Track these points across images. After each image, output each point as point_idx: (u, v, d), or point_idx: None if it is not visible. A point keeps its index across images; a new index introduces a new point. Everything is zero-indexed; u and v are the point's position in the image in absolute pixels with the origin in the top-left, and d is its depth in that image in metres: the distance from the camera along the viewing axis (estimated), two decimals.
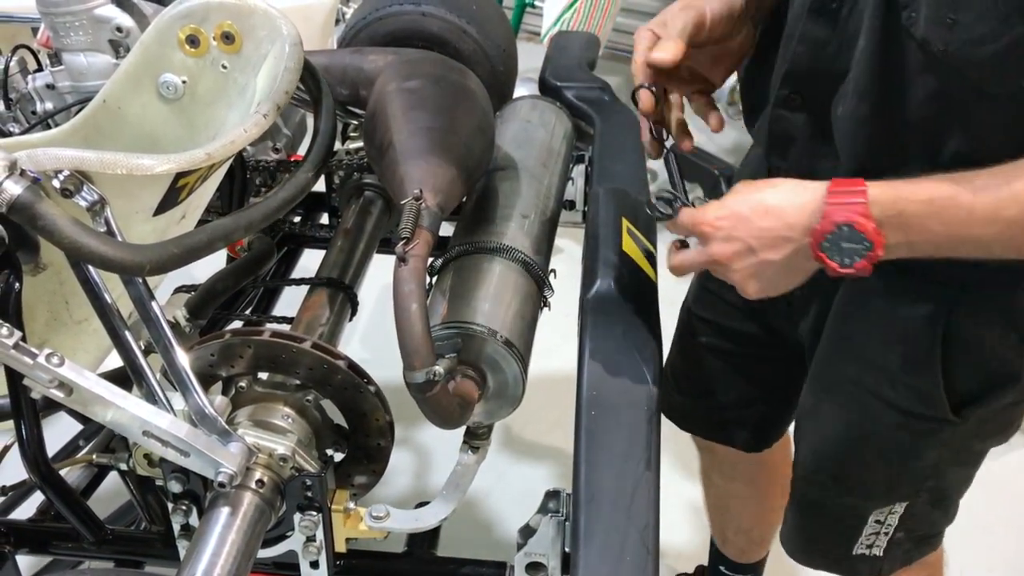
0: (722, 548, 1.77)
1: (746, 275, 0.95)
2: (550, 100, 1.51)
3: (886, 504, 1.18)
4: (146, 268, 0.84)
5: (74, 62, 1.27)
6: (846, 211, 0.87)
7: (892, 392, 1.09)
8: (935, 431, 1.09)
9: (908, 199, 0.87)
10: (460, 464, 1.13)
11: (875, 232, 0.87)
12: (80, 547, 1.18)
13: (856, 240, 0.87)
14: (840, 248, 0.88)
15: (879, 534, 1.21)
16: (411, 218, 0.99)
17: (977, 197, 0.84)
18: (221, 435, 0.94)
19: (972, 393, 1.06)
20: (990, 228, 0.85)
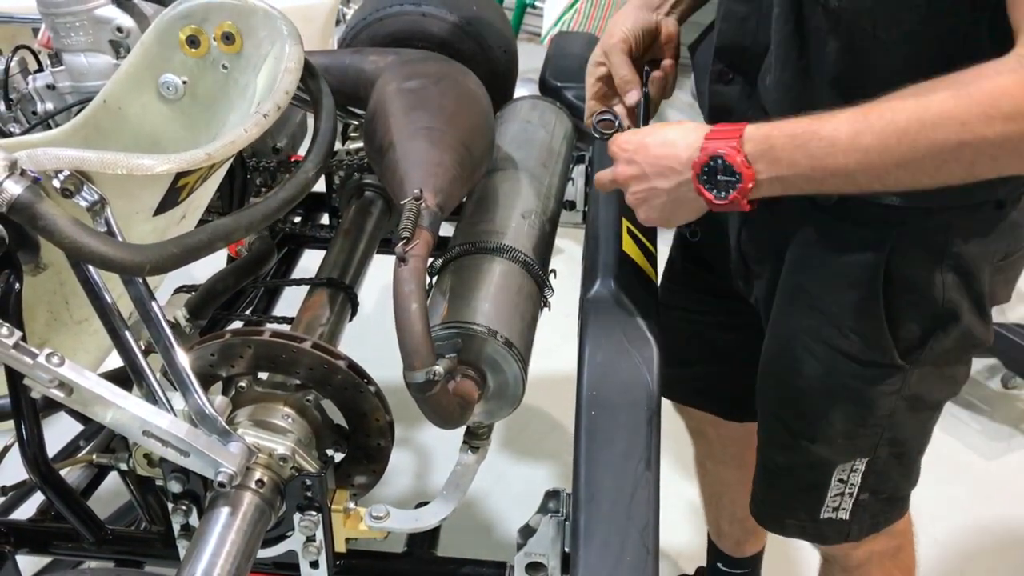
0: (718, 543, 1.78)
1: (639, 199, 1.05)
2: (550, 100, 1.51)
3: (848, 459, 1.20)
4: (146, 268, 0.84)
5: (75, 62, 1.27)
6: (719, 144, 0.96)
7: (844, 341, 1.12)
8: (885, 377, 1.13)
9: (775, 134, 0.94)
10: (460, 464, 1.13)
11: (744, 164, 0.94)
12: (80, 547, 1.18)
13: (729, 173, 0.95)
14: (716, 181, 0.97)
15: (843, 495, 1.23)
16: (411, 218, 0.99)
17: (838, 129, 0.90)
18: (221, 435, 0.94)
19: (917, 337, 1.10)
20: (850, 157, 0.90)
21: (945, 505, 2.14)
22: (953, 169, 0.88)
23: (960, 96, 0.85)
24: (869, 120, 0.89)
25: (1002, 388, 2.46)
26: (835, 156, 0.91)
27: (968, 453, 2.30)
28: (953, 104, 0.85)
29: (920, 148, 0.87)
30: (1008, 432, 2.37)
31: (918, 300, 1.09)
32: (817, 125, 0.92)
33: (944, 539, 2.07)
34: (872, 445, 1.19)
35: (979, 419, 2.40)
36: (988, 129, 0.84)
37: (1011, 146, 0.85)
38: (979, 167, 0.88)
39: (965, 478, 2.22)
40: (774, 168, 0.95)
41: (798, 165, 0.93)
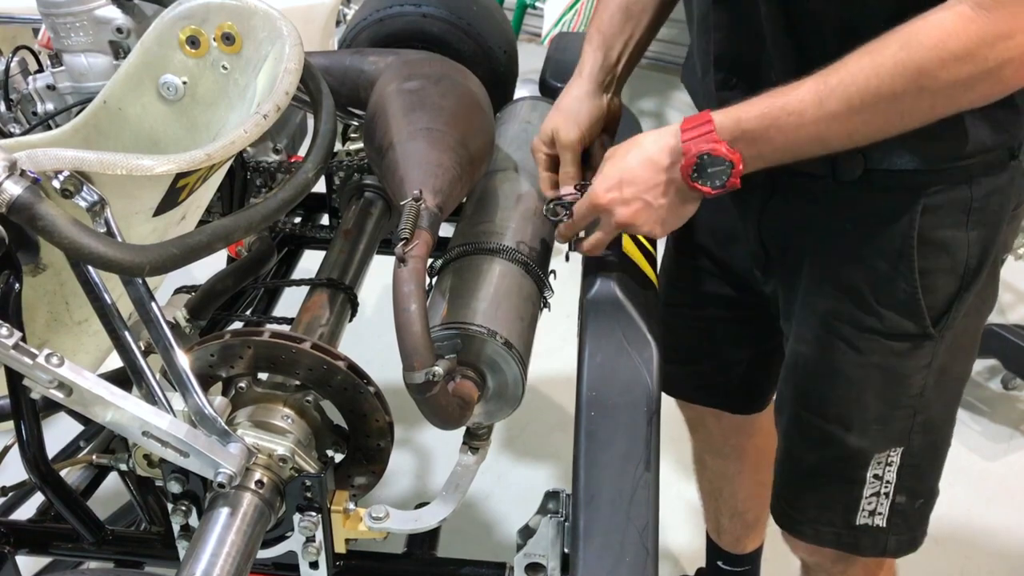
0: (718, 540, 1.78)
1: (653, 224, 1.08)
2: (550, 101, 1.51)
3: (883, 448, 1.20)
4: (146, 268, 0.83)
5: (75, 63, 1.28)
6: (700, 142, 1.00)
7: (874, 319, 1.13)
8: (916, 349, 1.14)
9: (745, 118, 0.99)
10: (460, 465, 1.13)
11: (730, 152, 1.00)
12: (80, 547, 1.18)
13: (718, 164, 1.00)
14: (708, 174, 1.01)
15: (879, 495, 1.22)
16: (411, 219, 0.99)
17: (803, 100, 0.96)
18: (221, 436, 0.94)
19: (944, 301, 1.12)
20: (820, 124, 0.96)
21: (945, 506, 2.12)
22: (915, 114, 0.94)
23: (911, 46, 0.90)
24: (830, 85, 0.94)
25: (1002, 389, 2.46)
26: (805, 126, 0.96)
27: (968, 454, 2.30)
28: (905, 55, 0.91)
29: (882, 102, 0.93)
30: (1008, 433, 2.37)
31: (949, 262, 1.10)
32: (783, 100, 0.97)
33: (944, 540, 2.07)
34: (906, 430, 1.19)
35: (979, 420, 2.40)
36: (942, 72, 0.90)
37: (964, 84, 0.91)
38: (939, 108, 0.94)
39: (965, 479, 2.22)
40: (753, 148, 1.00)
41: (774, 141, 0.99)
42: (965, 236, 1.09)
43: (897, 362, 1.15)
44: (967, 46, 0.89)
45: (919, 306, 1.11)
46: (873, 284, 1.12)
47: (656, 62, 4.05)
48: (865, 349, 1.15)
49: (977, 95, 0.93)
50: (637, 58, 1.27)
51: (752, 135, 0.99)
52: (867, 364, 1.16)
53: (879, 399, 1.17)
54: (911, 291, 1.11)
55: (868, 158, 1.05)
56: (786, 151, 1.00)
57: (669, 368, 1.45)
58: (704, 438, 1.66)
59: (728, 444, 1.63)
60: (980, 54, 0.89)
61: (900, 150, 1.04)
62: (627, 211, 1.07)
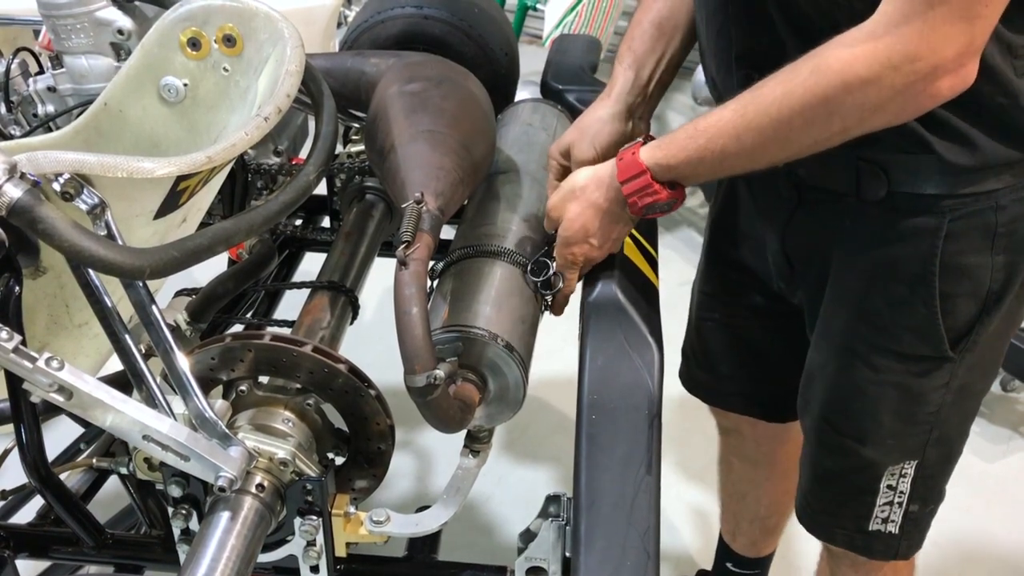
0: (732, 544, 1.77)
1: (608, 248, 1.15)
2: (551, 103, 1.51)
3: (897, 461, 1.20)
4: (146, 271, 0.83)
5: (75, 64, 1.27)
6: (644, 197, 1.07)
7: (892, 340, 1.13)
8: (934, 370, 1.13)
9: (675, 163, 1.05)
10: (461, 468, 1.12)
11: (670, 194, 1.07)
12: (80, 551, 1.18)
13: (663, 207, 1.08)
14: (654, 208, 1.08)
15: (892, 504, 1.23)
16: (412, 221, 0.99)
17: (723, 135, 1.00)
18: (221, 439, 0.94)
19: (965, 325, 1.11)
20: (741, 157, 1.01)
21: (944, 507, 2.13)
22: (830, 136, 0.97)
23: (819, 71, 0.92)
24: (747, 118, 0.98)
25: (1001, 391, 2.46)
26: (728, 159, 1.02)
27: (967, 455, 2.26)
28: (814, 81, 0.93)
29: (794, 131, 0.97)
30: (1007, 435, 2.37)
31: (970, 286, 1.09)
32: (705, 138, 1.02)
33: (943, 542, 2.06)
34: (921, 445, 1.19)
35: (978, 421, 2.36)
36: (848, 97, 0.92)
37: (873, 106, 0.92)
38: (851, 130, 0.96)
39: (964, 480, 2.20)
40: (686, 180, 1.07)
41: (702, 175, 1.07)
42: (989, 261, 1.08)
43: (913, 382, 1.15)
44: (872, 68, 0.89)
45: (937, 330, 1.10)
46: (891, 306, 1.12)
47: None
48: (881, 368, 1.15)
49: (889, 115, 0.94)
50: (670, 78, 1.26)
51: (683, 173, 1.06)
52: (883, 382, 1.16)
53: (894, 416, 1.17)
54: (929, 315, 1.10)
55: (892, 180, 1.05)
56: (719, 174, 1.11)
57: (705, 377, 1.49)
58: (736, 443, 1.65)
59: (760, 451, 1.62)
60: (886, 77, 0.89)
61: (926, 173, 1.03)
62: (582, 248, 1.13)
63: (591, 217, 1.12)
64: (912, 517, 1.24)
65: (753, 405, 1.52)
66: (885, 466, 1.21)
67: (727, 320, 1.42)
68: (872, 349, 1.15)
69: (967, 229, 1.05)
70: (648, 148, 1.07)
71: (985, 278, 1.09)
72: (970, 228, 1.06)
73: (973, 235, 1.06)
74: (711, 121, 1.01)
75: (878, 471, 1.21)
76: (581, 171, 1.14)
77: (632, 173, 1.07)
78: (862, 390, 1.17)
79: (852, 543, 1.29)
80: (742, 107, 0.99)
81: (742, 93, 0.99)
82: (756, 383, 1.48)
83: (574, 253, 1.14)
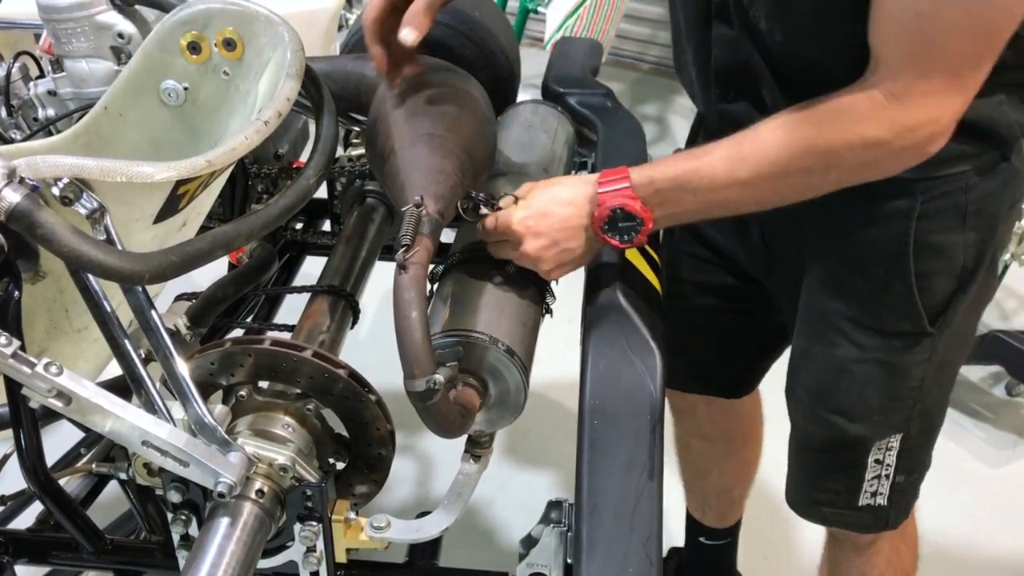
0: (702, 519, 1.81)
1: (553, 264, 1.09)
2: (551, 104, 1.51)
3: (883, 436, 1.25)
4: (145, 277, 0.83)
5: (76, 68, 1.27)
6: (616, 196, 1.04)
7: (874, 319, 1.18)
8: (915, 346, 1.18)
9: (659, 179, 1.04)
10: (462, 473, 1.12)
11: (643, 210, 1.04)
12: (79, 557, 1.17)
13: (629, 219, 1.04)
14: (618, 228, 1.05)
15: (880, 477, 1.28)
16: (412, 225, 0.99)
17: (715, 166, 1.01)
18: (221, 445, 0.94)
19: (942, 301, 1.16)
20: (730, 189, 1.01)
21: (948, 512, 2.13)
22: (821, 187, 1.02)
23: (823, 126, 0.97)
24: (743, 154, 1.00)
25: (1006, 395, 2.46)
26: (716, 190, 1.02)
27: (972, 461, 2.29)
28: (817, 133, 0.97)
29: (791, 175, 1.00)
30: (1012, 440, 2.36)
31: (945, 264, 1.14)
32: (696, 164, 1.02)
33: (948, 547, 2.06)
34: (905, 419, 1.23)
35: (983, 427, 2.39)
36: (850, 155, 0.98)
37: (871, 164, 0.99)
38: (844, 182, 1.01)
39: (969, 486, 2.22)
40: (664, 208, 1.05)
41: (685, 202, 1.04)
42: (961, 239, 1.12)
43: (896, 358, 1.19)
44: (877, 134, 0.95)
45: (915, 307, 1.15)
46: (871, 286, 1.16)
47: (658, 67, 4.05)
48: (865, 346, 1.19)
49: (879, 172, 1.01)
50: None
51: (664, 196, 1.04)
52: (868, 360, 1.19)
53: (880, 392, 1.21)
54: (907, 294, 1.14)
55: None
56: (696, 213, 1.06)
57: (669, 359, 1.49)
58: (691, 424, 1.69)
59: (717, 428, 1.67)
60: (888, 141, 0.96)
61: None
62: (535, 244, 1.08)
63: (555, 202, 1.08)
64: (899, 488, 1.29)
65: (713, 385, 1.58)
66: (873, 441, 1.25)
67: (693, 301, 1.44)
68: (856, 327, 1.18)
69: (939, 209, 1.10)
70: (639, 166, 1.07)
71: (959, 255, 1.13)
72: (942, 208, 1.10)
73: (945, 215, 1.11)
74: (706, 148, 1.03)
75: (866, 446, 1.25)
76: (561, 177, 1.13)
77: (613, 177, 1.06)
78: (848, 369, 1.21)
79: (843, 520, 1.33)
80: (738, 141, 1.01)
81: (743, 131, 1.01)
82: (717, 364, 1.52)
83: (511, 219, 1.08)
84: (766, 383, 1.68)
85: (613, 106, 1.55)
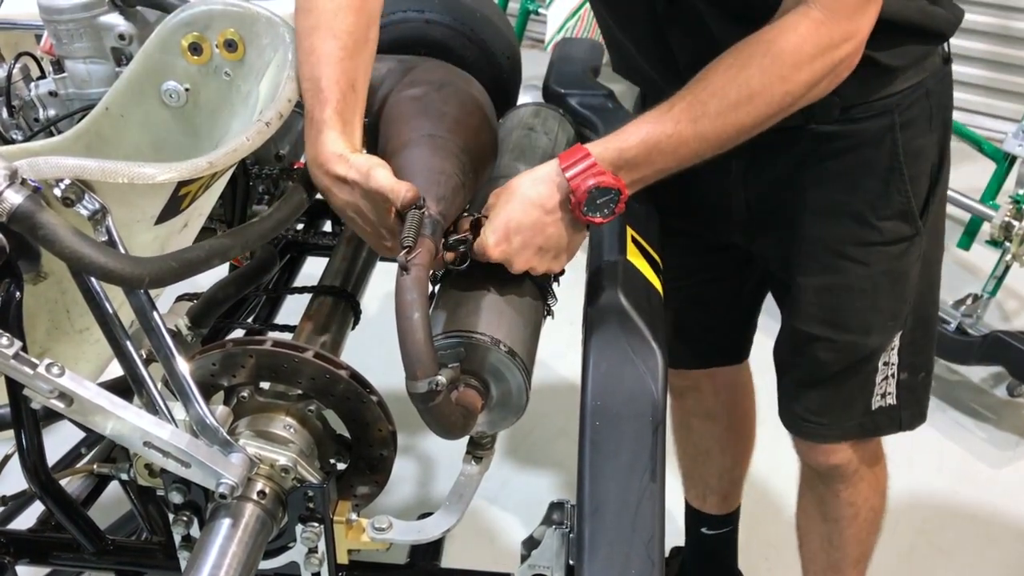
0: (702, 507, 1.82)
1: (550, 263, 1.10)
2: (552, 107, 1.51)
3: (892, 338, 1.34)
4: (146, 281, 0.83)
5: (77, 69, 1.27)
6: (587, 177, 1.04)
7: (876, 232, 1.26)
8: (911, 247, 1.29)
9: (627, 148, 1.05)
10: (463, 474, 1.12)
11: (616, 180, 1.04)
12: (80, 557, 1.17)
13: (606, 194, 1.04)
14: (597, 205, 1.05)
15: (888, 377, 1.37)
16: (413, 226, 0.98)
17: (679, 122, 1.04)
18: (222, 446, 0.94)
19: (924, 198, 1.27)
20: (699, 142, 1.05)
21: (951, 513, 2.13)
22: (778, 113, 1.06)
23: (772, 52, 1.03)
24: (702, 101, 1.04)
25: (1008, 396, 2.45)
26: (686, 144, 1.05)
27: (974, 461, 2.29)
28: (769, 61, 1.03)
29: (752, 107, 1.04)
30: (1014, 440, 2.36)
31: (924, 164, 1.25)
32: (660, 126, 1.04)
33: (950, 548, 2.06)
34: (904, 316, 1.33)
35: (985, 427, 2.39)
36: (799, 73, 1.03)
37: (815, 81, 1.05)
38: (795, 104, 1.06)
39: (971, 486, 2.21)
40: (635, 173, 1.06)
41: (655, 163, 1.06)
42: (931, 139, 1.25)
43: (898, 264, 1.29)
44: (819, 46, 1.03)
45: (912, 210, 1.26)
46: (871, 202, 1.25)
47: None
48: (871, 261, 1.28)
49: (821, 90, 1.07)
50: None
51: (635, 162, 1.05)
52: (876, 274, 1.29)
53: (890, 300, 1.31)
54: (905, 199, 1.25)
55: (843, 97, 1.15)
56: (666, 171, 1.08)
57: None
58: (694, 402, 1.71)
59: (719, 401, 1.71)
60: (828, 54, 1.03)
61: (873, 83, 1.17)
62: (521, 260, 1.07)
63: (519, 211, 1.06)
64: (904, 385, 1.38)
65: (712, 356, 1.63)
66: (884, 346, 1.34)
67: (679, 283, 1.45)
68: (860, 246, 1.27)
69: (912, 117, 1.22)
70: (593, 142, 1.07)
71: (931, 154, 1.26)
72: (914, 116, 1.22)
73: (919, 121, 1.23)
74: (665, 106, 1.05)
75: (879, 352, 1.34)
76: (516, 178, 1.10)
77: (574, 158, 1.05)
78: (859, 287, 1.29)
79: (863, 428, 1.41)
80: (695, 90, 1.04)
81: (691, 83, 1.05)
82: (713, 334, 1.59)
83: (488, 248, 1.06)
84: (758, 378, 1.70)
85: (614, 107, 1.55)
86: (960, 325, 2.34)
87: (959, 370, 2.47)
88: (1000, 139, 2.44)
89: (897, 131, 1.21)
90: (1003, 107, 3.56)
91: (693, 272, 1.49)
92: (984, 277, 2.41)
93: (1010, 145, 2.38)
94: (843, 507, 1.52)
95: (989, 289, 2.36)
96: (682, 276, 1.46)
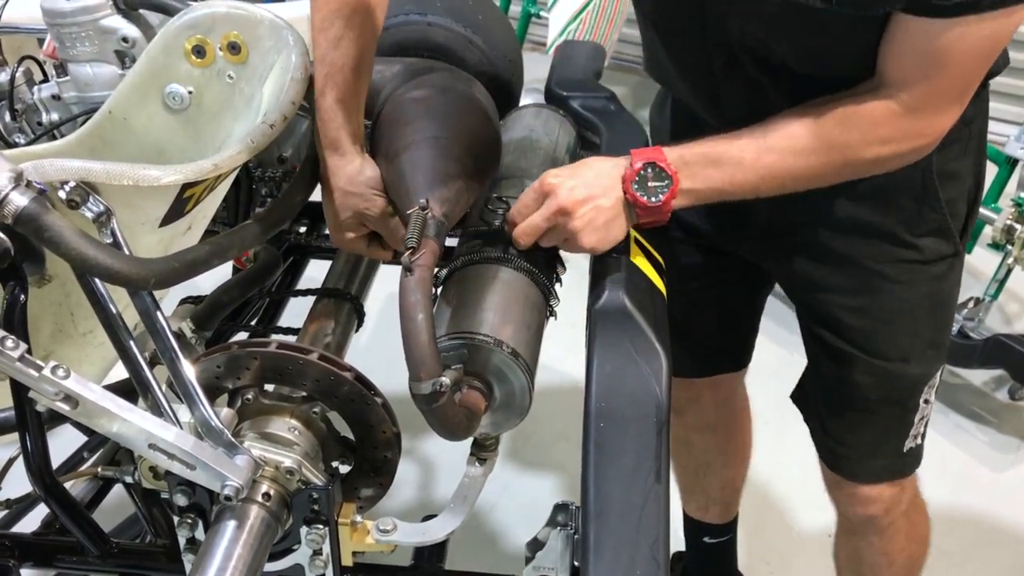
0: (704, 517, 1.82)
1: (585, 222, 1.09)
2: (553, 108, 1.51)
3: (934, 371, 1.31)
4: (151, 282, 0.83)
5: (80, 73, 1.27)
6: (647, 154, 1.08)
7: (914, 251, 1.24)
8: (951, 269, 1.28)
9: (688, 154, 1.08)
10: (467, 476, 1.12)
11: (672, 168, 1.07)
12: (85, 560, 1.17)
13: (659, 177, 1.07)
14: (647, 186, 1.08)
15: (924, 417, 1.34)
16: (417, 228, 0.99)
17: (744, 149, 1.08)
18: (227, 448, 0.94)
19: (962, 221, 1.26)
20: (757, 173, 1.08)
21: (952, 517, 2.12)
22: (834, 178, 1.11)
23: (846, 126, 1.06)
24: (769, 143, 1.07)
25: (1009, 400, 2.45)
26: (743, 172, 1.08)
27: (976, 465, 2.29)
28: (840, 132, 1.06)
29: (813, 165, 1.08)
30: (1016, 444, 2.36)
31: (959, 187, 1.24)
32: (725, 146, 1.08)
33: (953, 551, 2.05)
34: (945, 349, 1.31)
35: (986, 431, 2.39)
36: (867, 151, 1.07)
37: (882, 161, 1.09)
38: (855, 175, 1.12)
39: (973, 490, 2.21)
40: (691, 181, 1.08)
41: (711, 179, 1.09)
42: (965, 163, 1.24)
43: (939, 286, 1.27)
44: (893, 136, 1.06)
45: (949, 228, 1.24)
46: (905, 221, 1.23)
47: None
48: (909, 280, 1.26)
49: (884, 169, 1.11)
50: None
51: (693, 168, 1.08)
52: (916, 295, 1.26)
53: (930, 325, 1.29)
54: (940, 217, 1.23)
55: None
56: (720, 192, 1.10)
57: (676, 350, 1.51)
58: (694, 416, 1.69)
59: (719, 413, 1.69)
60: (900, 143, 1.07)
61: None
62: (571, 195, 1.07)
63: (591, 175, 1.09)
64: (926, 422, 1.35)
65: (721, 359, 1.62)
66: (926, 380, 1.31)
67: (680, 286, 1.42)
68: (897, 264, 1.25)
69: (948, 141, 1.17)
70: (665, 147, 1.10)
71: (967, 178, 1.25)
72: (950, 139, 1.17)
73: (953, 145, 1.19)
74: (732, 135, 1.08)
75: (920, 386, 1.31)
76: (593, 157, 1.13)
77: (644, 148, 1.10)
78: (898, 308, 1.27)
79: (890, 471, 1.38)
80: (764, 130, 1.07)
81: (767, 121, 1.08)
82: (715, 339, 1.58)
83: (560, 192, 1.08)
84: (759, 383, 1.70)
85: (616, 109, 1.55)
86: (962, 328, 2.34)
87: (961, 373, 2.47)
88: (1002, 142, 2.44)
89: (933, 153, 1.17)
90: (1005, 110, 3.56)
91: (698, 275, 1.48)
92: (986, 280, 2.41)
93: (1012, 148, 2.38)
94: (876, 556, 1.49)
95: (991, 292, 2.36)
96: (687, 278, 1.46)
